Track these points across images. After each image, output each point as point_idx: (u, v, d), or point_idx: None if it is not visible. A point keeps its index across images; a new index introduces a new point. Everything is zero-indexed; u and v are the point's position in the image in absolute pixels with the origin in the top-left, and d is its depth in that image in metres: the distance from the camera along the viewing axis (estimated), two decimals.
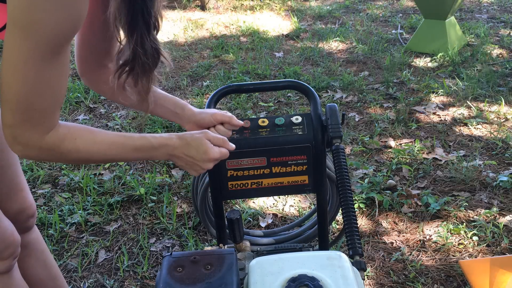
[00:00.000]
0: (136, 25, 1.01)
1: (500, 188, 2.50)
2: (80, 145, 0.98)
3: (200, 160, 1.12)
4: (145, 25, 1.02)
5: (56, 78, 0.90)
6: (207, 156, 1.12)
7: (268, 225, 2.34)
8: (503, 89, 3.59)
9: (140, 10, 0.99)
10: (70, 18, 0.86)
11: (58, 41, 0.86)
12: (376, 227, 2.30)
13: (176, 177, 2.72)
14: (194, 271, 0.99)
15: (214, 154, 1.13)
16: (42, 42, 0.84)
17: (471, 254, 2.10)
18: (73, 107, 3.63)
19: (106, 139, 1.02)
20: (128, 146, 1.04)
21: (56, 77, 0.90)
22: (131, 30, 1.02)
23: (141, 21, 1.01)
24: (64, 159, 0.99)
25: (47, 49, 0.85)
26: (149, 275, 2.07)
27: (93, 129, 1.01)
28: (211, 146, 1.13)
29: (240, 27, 5.38)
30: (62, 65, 0.90)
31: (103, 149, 1.01)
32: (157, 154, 1.09)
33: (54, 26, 0.83)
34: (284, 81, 1.55)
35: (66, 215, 2.43)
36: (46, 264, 1.54)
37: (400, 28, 5.11)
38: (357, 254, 1.06)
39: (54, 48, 0.86)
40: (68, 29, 0.87)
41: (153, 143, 1.07)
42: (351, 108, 3.48)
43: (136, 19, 1.00)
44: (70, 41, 0.90)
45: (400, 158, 2.80)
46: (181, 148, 1.10)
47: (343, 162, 1.25)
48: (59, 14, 0.83)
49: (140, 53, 1.04)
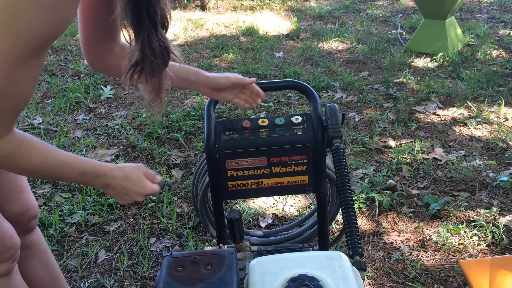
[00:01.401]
0: (142, 24, 1.00)
1: (500, 188, 2.50)
2: (34, 156, 0.97)
3: (135, 193, 1.16)
4: (152, 24, 1.01)
5: (26, 81, 0.88)
6: (143, 190, 1.16)
7: (268, 225, 2.34)
8: (503, 89, 3.59)
9: (145, 8, 0.98)
10: (54, 23, 0.85)
11: (38, 44, 0.85)
12: (376, 227, 2.30)
13: (176, 177, 2.72)
14: (194, 271, 0.99)
15: (149, 190, 1.18)
16: (22, 43, 0.83)
17: (471, 254, 2.10)
18: (73, 107, 3.63)
19: (59, 157, 1.02)
20: (76, 168, 1.05)
21: (27, 80, 0.88)
22: (137, 29, 1.01)
23: (147, 19, 1.00)
24: (13, 166, 0.99)
25: (25, 50, 0.84)
26: (149, 275, 2.07)
27: (48, 145, 1.02)
28: (148, 181, 1.18)
29: (240, 27, 5.38)
30: (35, 68, 0.89)
31: (53, 165, 1.01)
32: (97, 182, 1.11)
33: (36, 29, 0.82)
34: (284, 81, 1.55)
35: (66, 215, 2.44)
36: (47, 265, 1.53)
37: (400, 28, 5.11)
38: (357, 254, 1.06)
39: (32, 50, 0.85)
40: (50, 33, 0.86)
41: (98, 171, 1.09)
42: (351, 108, 3.48)
43: (142, 18, 0.99)
44: (50, 45, 0.89)
45: (400, 158, 2.80)
46: (120, 180, 1.13)
47: (343, 162, 1.25)
48: (43, 17, 0.82)
49: (148, 53, 1.03)
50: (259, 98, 1.47)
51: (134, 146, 3.04)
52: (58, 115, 3.49)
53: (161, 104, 1.16)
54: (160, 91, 1.13)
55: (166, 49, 1.06)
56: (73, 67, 4.36)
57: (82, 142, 3.09)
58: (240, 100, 1.46)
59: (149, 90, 1.12)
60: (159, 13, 1.01)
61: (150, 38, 1.02)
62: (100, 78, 4.08)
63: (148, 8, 0.99)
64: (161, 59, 1.06)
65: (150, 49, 1.03)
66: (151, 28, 1.01)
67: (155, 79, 1.09)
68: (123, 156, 2.95)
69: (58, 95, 3.78)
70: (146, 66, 1.05)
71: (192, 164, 2.85)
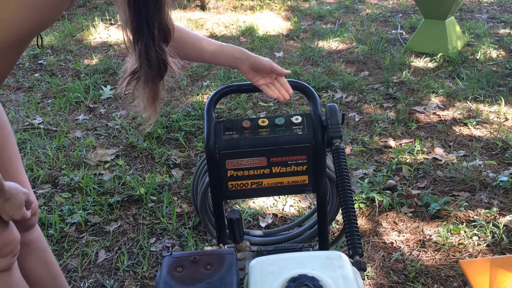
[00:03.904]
0: (141, 34, 1.01)
1: (500, 188, 2.50)
2: None
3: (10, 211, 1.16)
4: (150, 35, 1.01)
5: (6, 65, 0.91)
6: (19, 214, 1.18)
7: (268, 225, 2.34)
8: (503, 89, 3.59)
9: (145, 19, 0.99)
10: (37, 20, 0.86)
11: (21, 36, 0.86)
12: (376, 227, 2.30)
13: (176, 177, 2.72)
14: (194, 271, 0.99)
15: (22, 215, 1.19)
16: (5, 33, 0.84)
17: (471, 254, 2.10)
18: (73, 107, 3.63)
19: None
20: None
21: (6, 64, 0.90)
22: (136, 39, 1.02)
23: (146, 30, 1.00)
24: None
25: (7, 40, 0.85)
26: (149, 275, 2.07)
27: None
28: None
29: (240, 27, 5.38)
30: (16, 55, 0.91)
31: None
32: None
33: (19, 22, 0.83)
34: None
35: (66, 215, 2.43)
36: (47, 263, 1.53)
37: (400, 28, 5.11)
38: (357, 254, 1.06)
39: (14, 41, 0.86)
40: (33, 28, 0.87)
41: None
42: (351, 108, 3.48)
43: (141, 28, 1.00)
44: (33, 37, 0.91)
45: (400, 158, 2.80)
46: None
47: (343, 162, 1.25)
48: (27, 13, 0.83)
49: (144, 63, 1.04)
50: (288, 94, 1.46)
51: (134, 146, 3.04)
52: (58, 115, 3.49)
53: (155, 113, 1.17)
54: (154, 101, 1.14)
55: (163, 62, 1.07)
56: (73, 67, 4.36)
57: (82, 142, 3.09)
58: (269, 90, 1.45)
59: (144, 98, 1.13)
60: (157, 26, 1.01)
61: (147, 49, 1.02)
62: (100, 78, 4.08)
63: (148, 19, 1.00)
64: (156, 71, 1.06)
65: (147, 60, 1.03)
66: (150, 39, 1.02)
67: (149, 89, 1.09)
68: (123, 156, 2.95)
69: (58, 95, 3.78)
70: (141, 75, 1.06)
71: (192, 164, 2.85)
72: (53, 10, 0.87)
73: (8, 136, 1.34)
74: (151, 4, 0.99)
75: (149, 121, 1.22)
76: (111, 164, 2.87)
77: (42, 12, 0.85)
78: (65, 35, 5.12)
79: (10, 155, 1.33)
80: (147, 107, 1.14)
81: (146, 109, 1.15)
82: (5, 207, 1.15)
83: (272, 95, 1.44)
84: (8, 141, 1.34)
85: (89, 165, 2.86)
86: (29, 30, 0.87)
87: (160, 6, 1.01)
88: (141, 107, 1.15)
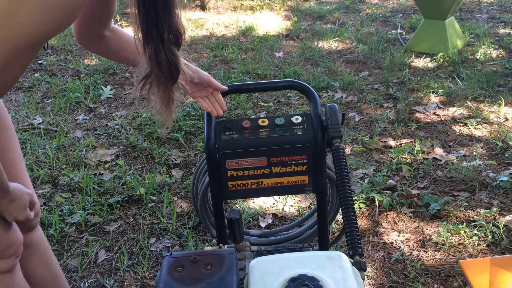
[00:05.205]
0: (150, 37, 1.01)
1: (500, 188, 2.50)
2: None
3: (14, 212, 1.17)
4: (160, 38, 1.02)
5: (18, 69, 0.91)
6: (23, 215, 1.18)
7: (268, 225, 2.34)
8: (503, 89, 3.59)
9: (155, 22, 0.99)
10: (54, 23, 0.86)
11: (36, 39, 0.87)
12: (376, 227, 2.30)
13: (176, 177, 2.72)
14: (194, 271, 0.99)
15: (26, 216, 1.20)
16: (21, 35, 0.84)
17: (471, 254, 2.10)
18: (73, 107, 3.63)
19: None
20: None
21: (18, 67, 0.90)
22: (146, 42, 1.02)
23: (155, 33, 1.01)
24: None
25: (23, 42, 0.86)
26: (149, 275, 2.07)
27: None
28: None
29: (240, 27, 5.38)
30: (29, 58, 0.91)
31: None
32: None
33: (36, 25, 0.84)
34: (284, 81, 1.55)
35: (66, 215, 2.43)
36: (48, 264, 1.53)
37: (400, 28, 5.11)
38: (357, 254, 1.06)
39: (30, 43, 0.87)
40: (49, 31, 0.88)
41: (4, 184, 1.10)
42: (351, 108, 3.48)
43: (151, 31, 1.01)
44: (47, 40, 0.92)
45: (400, 158, 2.80)
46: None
47: (343, 162, 1.25)
48: (44, 15, 0.84)
49: (154, 67, 1.04)
50: (222, 110, 1.45)
51: (134, 146, 3.04)
52: (58, 115, 3.49)
53: (171, 116, 1.17)
54: (169, 104, 1.14)
55: (175, 65, 1.06)
56: (73, 67, 4.36)
57: (82, 142, 3.09)
58: (204, 103, 1.44)
59: (157, 102, 1.13)
60: (167, 29, 1.02)
61: (157, 52, 1.03)
62: (100, 78, 4.08)
63: (158, 23, 1.00)
64: (168, 74, 1.06)
65: (157, 63, 1.04)
66: (159, 42, 1.02)
67: (162, 93, 1.09)
68: (123, 156, 2.95)
69: (58, 95, 3.78)
70: (153, 79, 1.06)
71: (192, 164, 2.85)
72: (71, 13, 0.88)
73: (11, 137, 1.35)
74: (160, 7, 1.00)
75: (166, 124, 1.22)
76: (111, 164, 2.87)
77: (60, 15, 0.86)
78: (65, 35, 5.12)
79: (13, 156, 1.33)
80: (162, 110, 1.15)
81: (160, 113, 1.15)
82: (9, 208, 1.15)
83: (206, 108, 1.42)
84: (12, 142, 1.35)
85: (89, 165, 2.86)
86: (47, 33, 0.88)
87: (169, 9, 1.02)
88: (156, 110, 1.15)
